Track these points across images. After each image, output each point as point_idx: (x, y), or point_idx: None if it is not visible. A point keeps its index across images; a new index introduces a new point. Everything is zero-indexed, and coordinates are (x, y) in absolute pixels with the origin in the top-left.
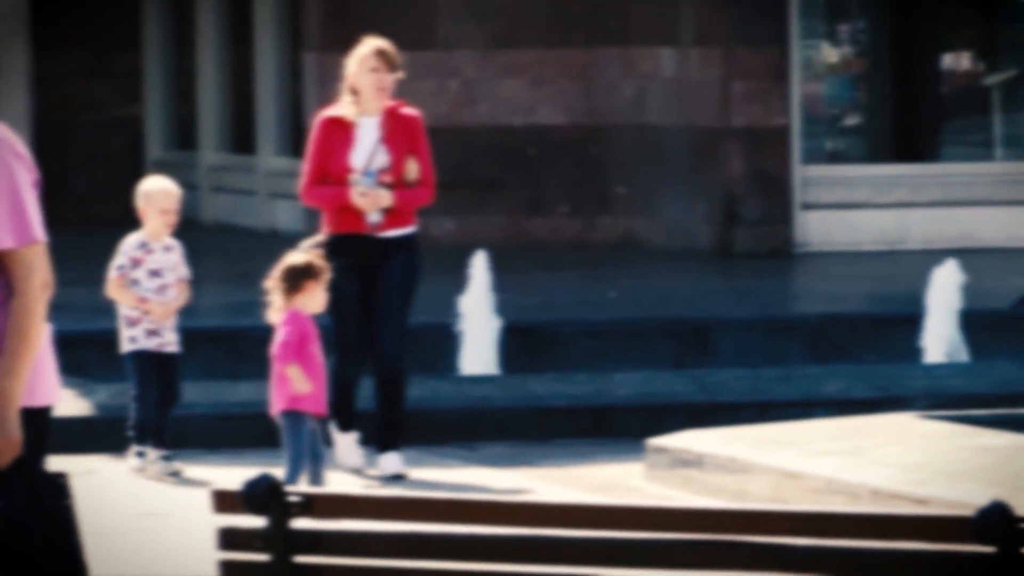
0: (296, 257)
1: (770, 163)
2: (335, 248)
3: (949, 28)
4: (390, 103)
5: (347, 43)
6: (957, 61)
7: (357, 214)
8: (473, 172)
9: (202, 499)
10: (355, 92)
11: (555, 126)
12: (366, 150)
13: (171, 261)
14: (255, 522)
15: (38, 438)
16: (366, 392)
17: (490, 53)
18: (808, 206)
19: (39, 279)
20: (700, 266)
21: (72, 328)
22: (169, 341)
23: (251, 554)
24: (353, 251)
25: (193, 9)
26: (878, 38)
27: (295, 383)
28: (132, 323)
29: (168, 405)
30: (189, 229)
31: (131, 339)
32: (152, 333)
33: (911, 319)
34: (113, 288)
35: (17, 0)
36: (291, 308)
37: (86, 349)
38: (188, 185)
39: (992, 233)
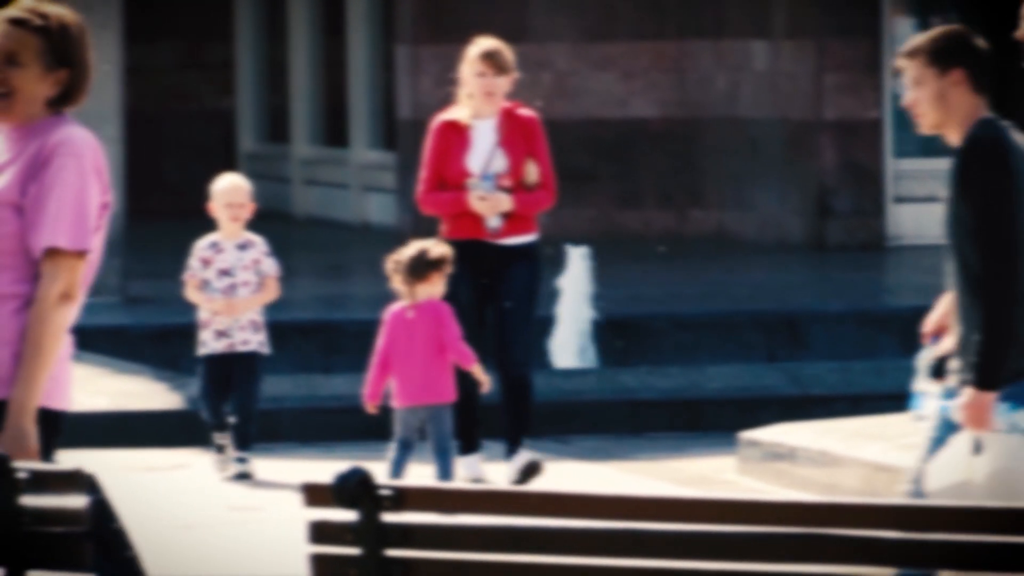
0: (426, 246)
1: (862, 156)
2: (454, 255)
3: None
4: (506, 104)
5: (440, 36)
6: None
7: (476, 220)
8: (566, 165)
9: (293, 492)
10: (470, 94)
11: (647, 119)
12: (483, 153)
13: (246, 259)
14: (346, 515)
15: (48, 440)
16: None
17: (583, 46)
18: (900, 199)
19: (58, 289)
20: (792, 259)
21: (164, 321)
22: (241, 340)
23: (342, 547)
24: (472, 258)
25: (286, 0)
26: (971, 29)
27: (481, 378)
28: (203, 326)
29: (242, 407)
30: (281, 222)
31: (202, 343)
32: (221, 334)
33: None
34: (188, 291)
35: None
36: (427, 298)
37: (178, 343)
38: (280, 178)
39: None
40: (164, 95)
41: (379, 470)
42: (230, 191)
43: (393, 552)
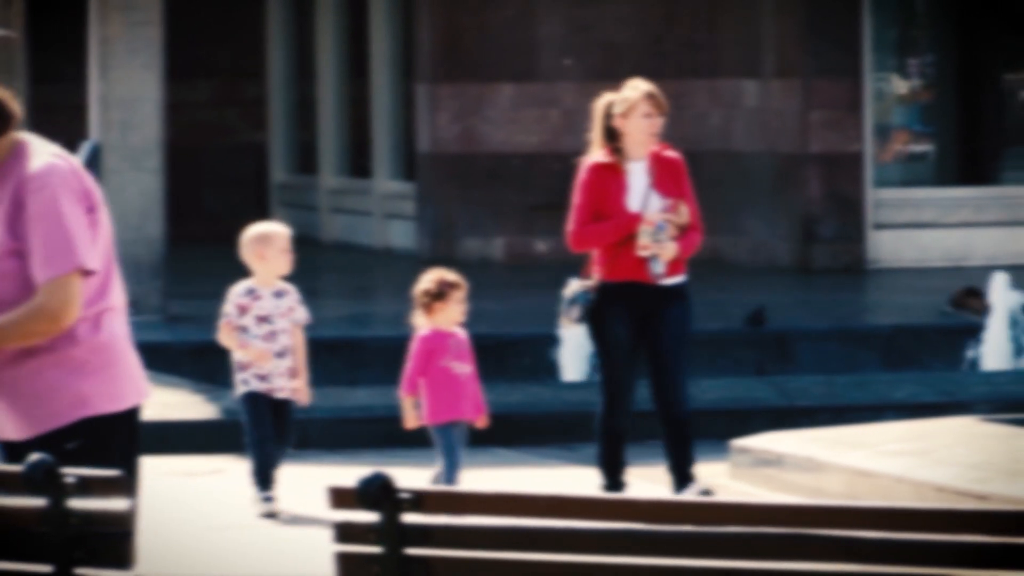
0: (426, 278)
1: (845, 186)
2: (611, 295)
3: (1010, 61)
4: (654, 147)
5: (455, 76)
6: (1018, 92)
7: (637, 262)
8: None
9: (320, 496)
10: (613, 135)
11: None
12: (639, 195)
13: (283, 307)
14: (369, 517)
15: (130, 439)
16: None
17: (589, 84)
18: (880, 226)
19: (52, 304)
20: (781, 281)
21: (202, 338)
22: (279, 387)
23: (365, 547)
24: (631, 298)
25: (314, 42)
26: (945, 70)
27: (405, 414)
28: (242, 368)
29: (280, 447)
30: (309, 247)
31: (243, 381)
32: (261, 378)
33: (975, 330)
34: (222, 335)
35: (151, 34)
36: (427, 328)
37: (213, 357)
38: (309, 207)
39: None
40: (202, 130)
41: (400, 475)
42: (284, 236)
43: (413, 551)
